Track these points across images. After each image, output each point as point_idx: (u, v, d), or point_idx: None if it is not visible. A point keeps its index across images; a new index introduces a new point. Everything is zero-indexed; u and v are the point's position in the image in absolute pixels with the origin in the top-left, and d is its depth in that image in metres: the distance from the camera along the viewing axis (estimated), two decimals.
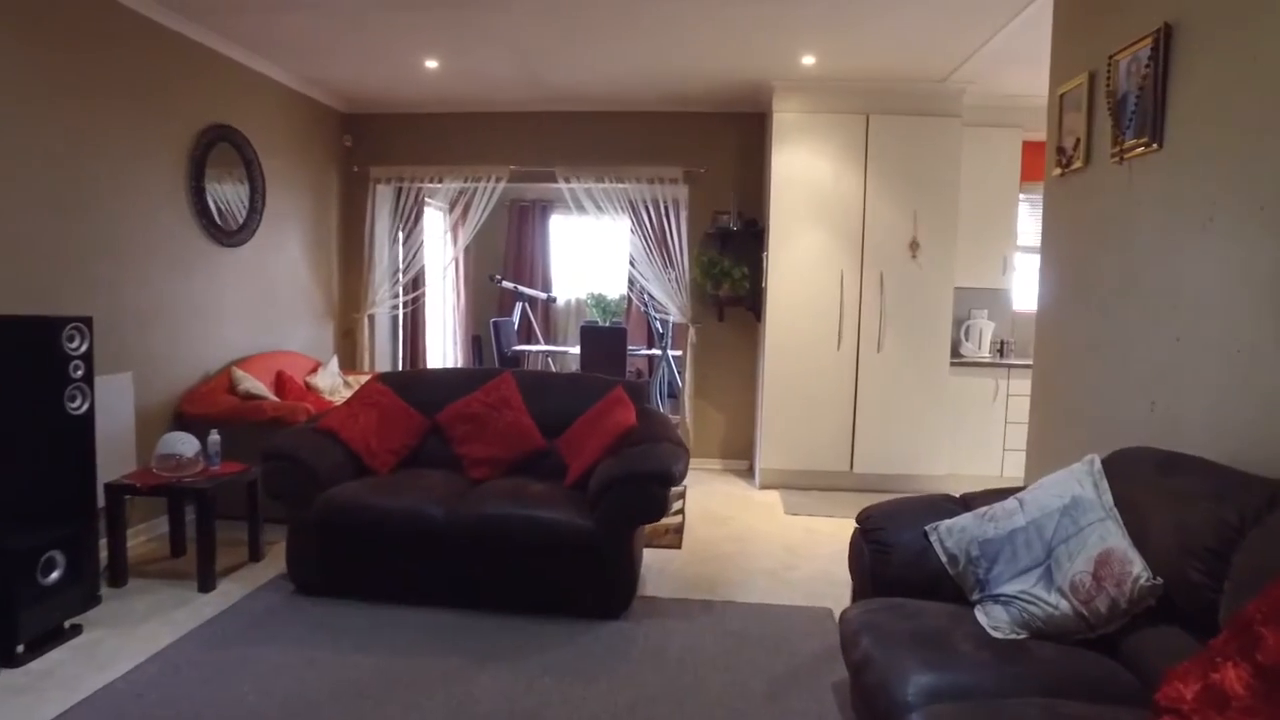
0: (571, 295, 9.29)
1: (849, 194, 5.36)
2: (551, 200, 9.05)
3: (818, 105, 5.33)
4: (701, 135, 6.02)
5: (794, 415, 5.48)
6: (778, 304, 5.44)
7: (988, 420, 5.51)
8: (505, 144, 6.15)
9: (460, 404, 3.80)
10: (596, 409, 3.66)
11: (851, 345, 5.44)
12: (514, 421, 3.71)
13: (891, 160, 5.32)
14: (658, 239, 6.05)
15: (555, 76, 5.38)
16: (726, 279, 5.85)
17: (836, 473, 5.52)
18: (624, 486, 3.13)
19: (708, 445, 6.21)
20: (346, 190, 6.27)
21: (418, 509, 3.21)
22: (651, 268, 6.07)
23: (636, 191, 6.03)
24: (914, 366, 5.43)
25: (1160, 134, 2.58)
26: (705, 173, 5.98)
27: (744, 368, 6.15)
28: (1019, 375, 5.47)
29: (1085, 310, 3.07)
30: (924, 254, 5.37)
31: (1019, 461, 5.53)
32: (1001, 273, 5.71)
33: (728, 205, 5.96)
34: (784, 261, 5.42)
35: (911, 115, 5.30)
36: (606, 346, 6.87)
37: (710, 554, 4.15)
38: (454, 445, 3.74)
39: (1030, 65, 4.89)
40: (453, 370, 4.29)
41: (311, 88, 5.63)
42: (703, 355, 6.13)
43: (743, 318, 6.07)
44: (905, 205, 5.34)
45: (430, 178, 6.21)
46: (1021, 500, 2.25)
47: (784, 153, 5.35)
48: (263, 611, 3.20)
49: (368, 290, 6.31)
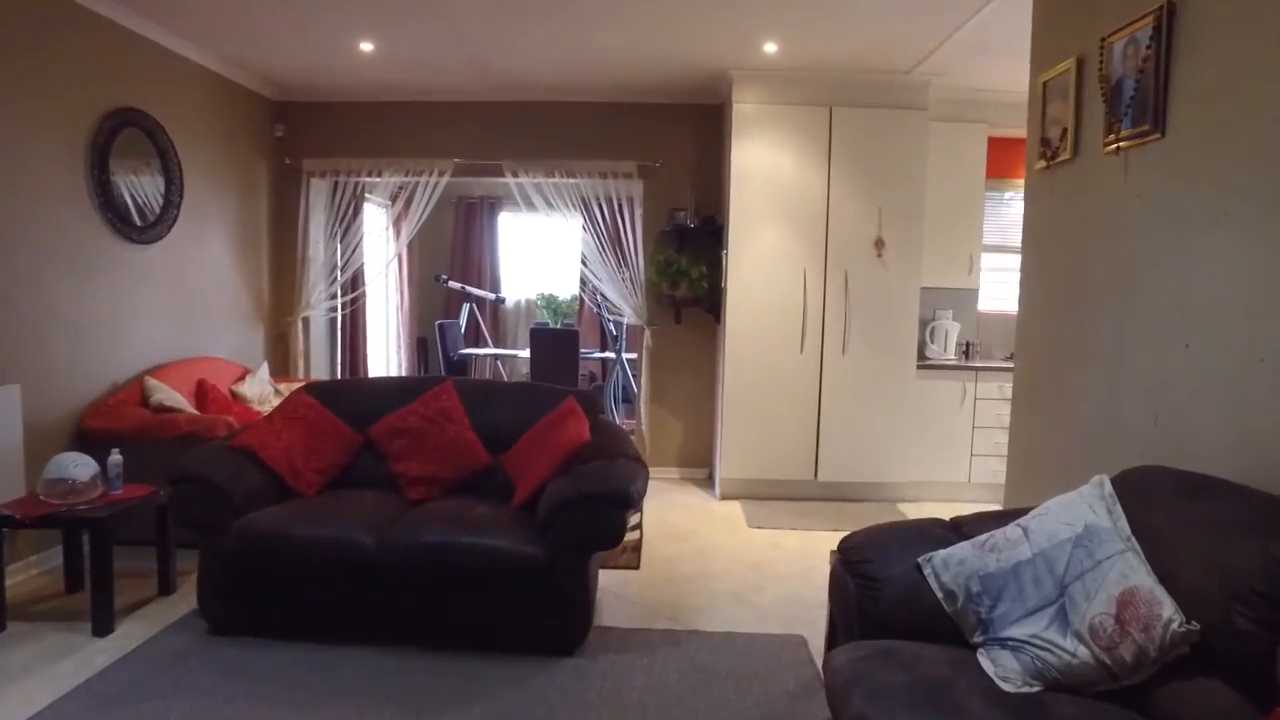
0: (521, 296, 8.93)
1: (812, 190, 5.13)
2: (500, 197, 8.68)
3: (778, 96, 5.08)
4: (657, 128, 5.73)
5: (755, 422, 5.23)
6: (738, 305, 5.19)
7: (955, 425, 5.33)
8: (449, 136, 5.78)
9: (396, 417, 3.45)
10: (546, 421, 3.34)
11: (815, 348, 5.21)
12: (455, 436, 3.38)
13: (856, 155, 5.11)
14: (611, 237, 5.75)
15: (502, 64, 5.04)
16: (684, 279, 5.58)
17: (800, 482, 5.29)
18: (577, 509, 2.82)
19: (665, 454, 5.93)
20: (278, 184, 5.83)
21: (346, 537, 2.86)
22: (605, 267, 5.77)
23: (588, 187, 5.72)
24: (880, 370, 5.22)
25: (1163, 121, 2.36)
26: (661, 167, 5.70)
27: (702, 372, 5.89)
28: (987, 378, 5.31)
29: (1075, 313, 2.85)
30: (889, 253, 5.17)
31: (987, 467, 5.40)
32: (968, 272, 5.54)
33: (684, 201, 5.69)
34: (744, 260, 5.16)
35: (876, 108, 5.09)
36: (558, 350, 6.55)
37: (671, 574, 3.87)
38: (389, 462, 3.39)
39: (999, 57, 4.73)
40: (388, 379, 3.94)
41: (237, 71, 5.19)
42: (659, 359, 5.85)
43: (701, 319, 5.81)
44: (870, 202, 5.13)
45: (369, 171, 5.81)
46: (1026, 528, 2.01)
47: (744, 146, 5.10)
48: (168, 657, 2.81)
49: (302, 291, 5.88)
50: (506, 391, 3.68)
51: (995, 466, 5.32)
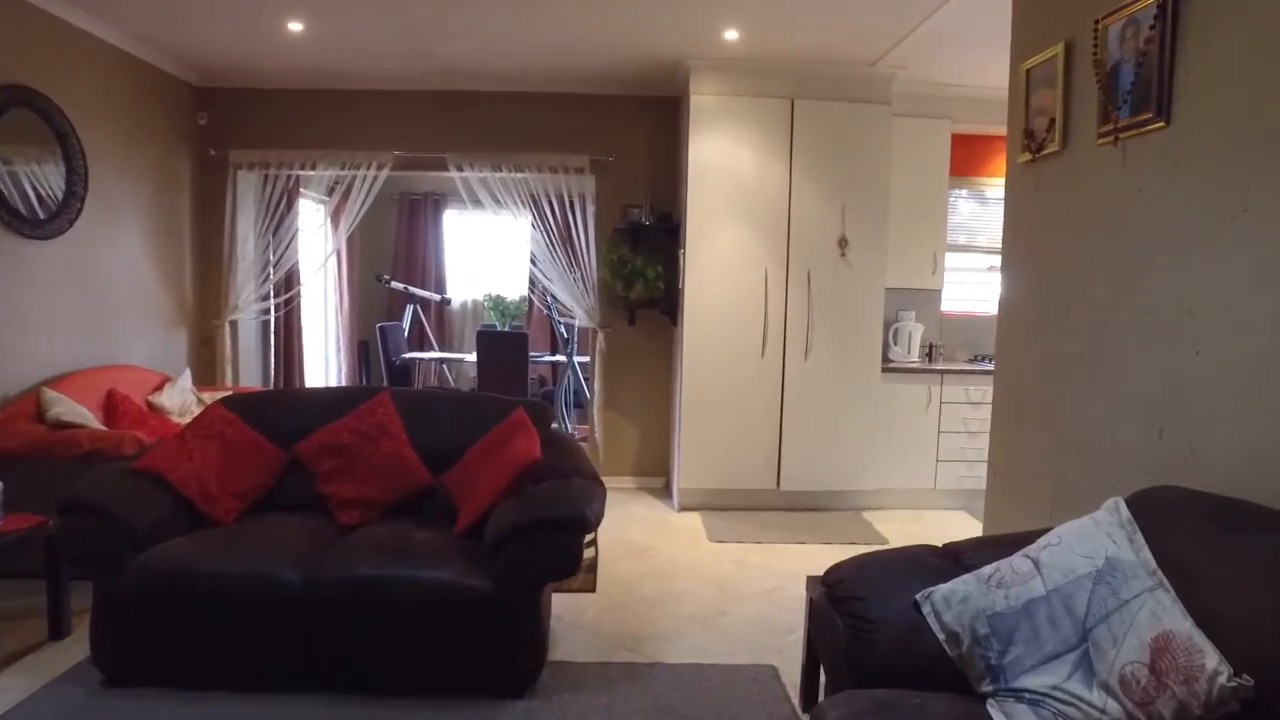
0: (468, 297, 8.57)
1: (773, 186, 4.90)
2: (445, 193, 8.30)
3: (738, 88, 4.85)
4: (610, 120, 5.46)
5: (715, 430, 4.99)
6: (696, 307, 4.94)
7: (920, 430, 5.17)
8: (389, 127, 5.42)
9: (326, 432, 3.11)
10: (493, 436, 3.04)
11: (777, 352, 4.99)
12: (393, 453, 3.05)
13: (818, 150, 4.90)
14: (562, 235, 5.46)
15: (445, 50, 4.71)
16: (639, 279, 5.31)
17: (762, 491, 5.06)
18: (528, 536, 2.53)
19: (620, 462, 5.66)
20: (202, 176, 5.40)
21: (267, 573, 2.52)
22: (555, 267, 5.47)
23: (538, 182, 5.42)
24: (844, 374, 5.03)
25: (1167, 108, 2.17)
26: (614, 161, 5.42)
27: (658, 377, 5.63)
28: (952, 381, 5.15)
29: (1065, 317, 2.66)
30: (853, 252, 4.97)
31: (953, 473, 5.25)
32: (931, 272, 5.38)
33: (639, 198, 5.43)
34: (702, 260, 4.92)
35: (839, 101, 4.89)
36: (506, 353, 6.23)
37: (630, 597, 3.59)
38: (318, 483, 3.04)
39: (965, 50, 4.56)
40: (317, 390, 3.61)
41: (151, 52, 4.76)
42: (612, 363, 5.57)
43: (657, 322, 5.55)
44: (833, 199, 4.93)
45: (302, 164, 5.41)
46: (1036, 560, 1.79)
47: (702, 140, 4.85)
48: (52, 717, 2.44)
49: (229, 292, 5.45)
50: (449, 403, 3.36)
51: (961, 472, 5.18)
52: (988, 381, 5.13)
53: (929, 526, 4.84)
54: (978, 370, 5.19)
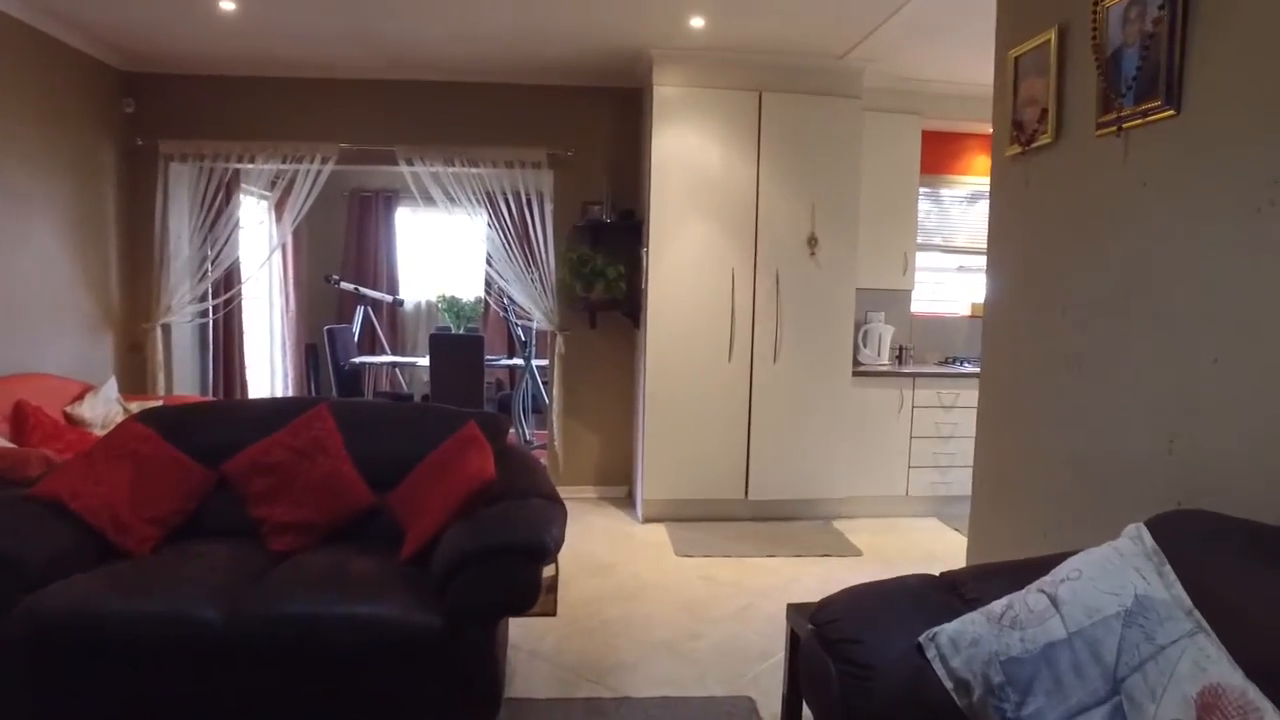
0: (421, 298, 8.24)
1: (740, 182, 4.70)
2: (397, 190, 7.96)
3: (704, 79, 4.63)
4: (569, 113, 5.20)
5: (680, 437, 4.77)
6: (660, 308, 4.71)
7: (891, 435, 5.01)
8: (334, 118, 5.10)
9: (257, 449, 2.81)
10: (442, 452, 2.77)
11: (745, 356, 4.79)
12: (331, 471, 2.76)
13: (787, 144, 4.71)
14: (519, 233, 5.19)
15: (392, 36, 4.41)
16: (599, 280, 5.07)
17: (729, 501, 4.86)
18: (481, 565, 2.27)
19: (581, 471, 5.41)
20: (129, 167, 5.02)
21: (183, 612, 2.22)
22: (511, 267, 5.21)
23: (493, 177, 5.15)
24: (814, 378, 4.84)
25: (1178, 95, 2.00)
26: (573, 156, 5.17)
27: (620, 382, 5.39)
28: (924, 385, 5.00)
29: (1060, 321, 2.49)
30: (823, 251, 4.79)
31: (925, 479, 5.09)
32: (902, 272, 5.22)
33: (600, 194, 5.18)
34: (667, 259, 4.69)
35: (808, 94, 4.70)
36: (460, 357, 5.94)
37: (593, 621, 3.35)
38: (249, 506, 2.74)
39: (936, 44, 4.41)
40: (247, 402, 3.31)
41: (67, 31, 4.38)
42: (572, 367, 5.32)
43: (618, 324, 5.31)
44: (802, 196, 4.74)
45: (240, 156, 5.05)
46: (1054, 597, 1.59)
47: (665, 133, 4.63)
48: None
49: (160, 293, 5.08)
50: (394, 415, 3.07)
51: (933, 478, 5.04)
52: (960, 385, 5.03)
53: (902, 536, 4.67)
54: (950, 373, 5.05)
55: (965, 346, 5.61)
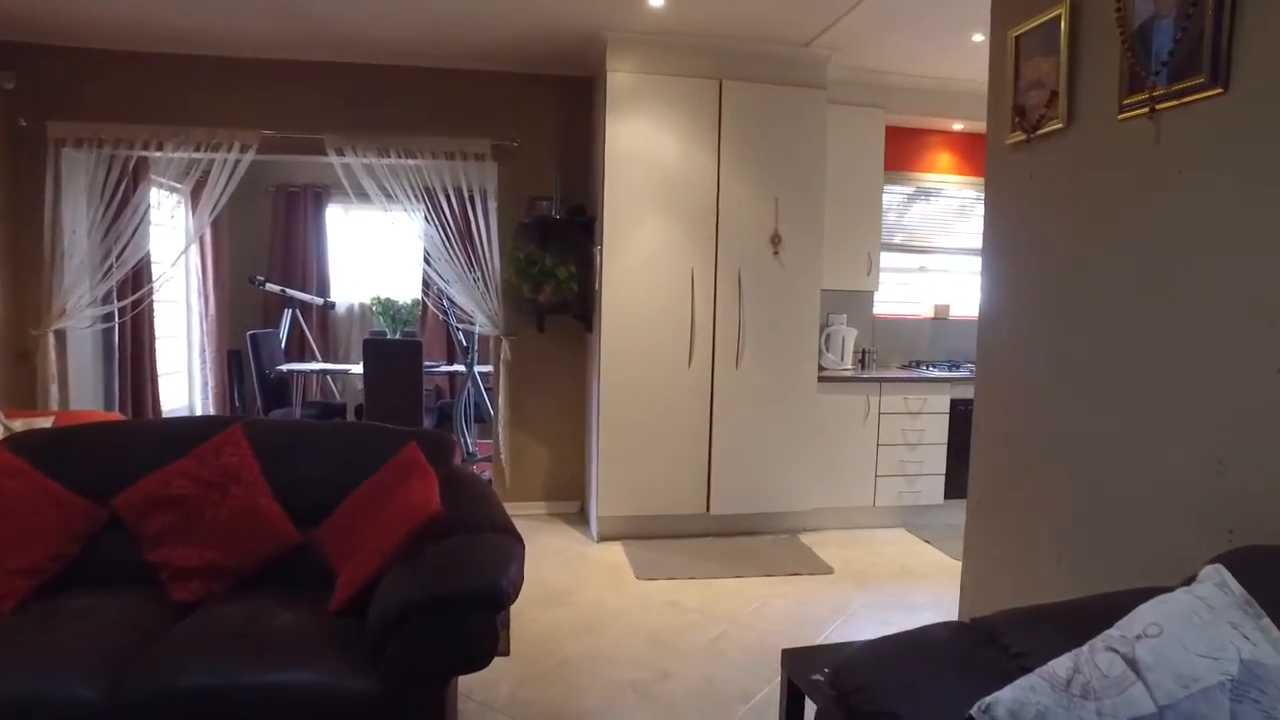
0: (354, 300, 7.74)
1: (700, 176, 4.40)
2: (327, 186, 7.45)
3: (661, 65, 4.32)
4: (515, 101, 4.84)
5: (637, 449, 4.45)
6: (615, 311, 4.39)
7: (857, 443, 4.78)
8: (255, 102, 4.63)
9: (156, 479, 2.39)
10: (379, 480, 2.39)
11: (705, 361, 4.50)
12: (246, 504, 2.36)
13: (749, 136, 4.43)
14: (460, 231, 4.81)
15: (322, 11, 3.98)
16: (549, 280, 4.72)
17: (690, 516, 4.56)
18: (428, 618, 1.91)
19: (529, 485, 5.05)
20: (10, 151, 4.44)
21: (49, 691, 1.80)
22: (452, 266, 4.82)
23: (432, 170, 4.75)
24: (778, 385, 4.58)
25: (1225, 72, 1.77)
26: (520, 148, 4.81)
27: (571, 390, 5.05)
28: (891, 390, 4.79)
29: (1074, 325, 2.25)
30: (787, 250, 4.53)
31: (892, 488, 4.86)
32: (866, 272, 5.01)
33: (548, 189, 4.83)
34: (621, 258, 4.37)
35: (771, 84, 4.44)
36: (396, 363, 5.51)
37: (552, 660, 3.01)
38: (144, 549, 2.32)
39: (903, 33, 4.20)
40: (146, 424, 2.88)
41: None
42: (519, 374, 4.95)
43: (569, 328, 4.97)
44: (765, 191, 4.48)
45: (146, 142, 4.54)
46: (1132, 659, 1.32)
47: (620, 123, 4.30)
48: None
49: (54, 294, 4.53)
50: (321, 437, 2.66)
51: (900, 488, 4.83)
52: (928, 390, 4.83)
53: (872, 550, 4.44)
54: (917, 378, 4.85)
55: (928, 350, 5.44)
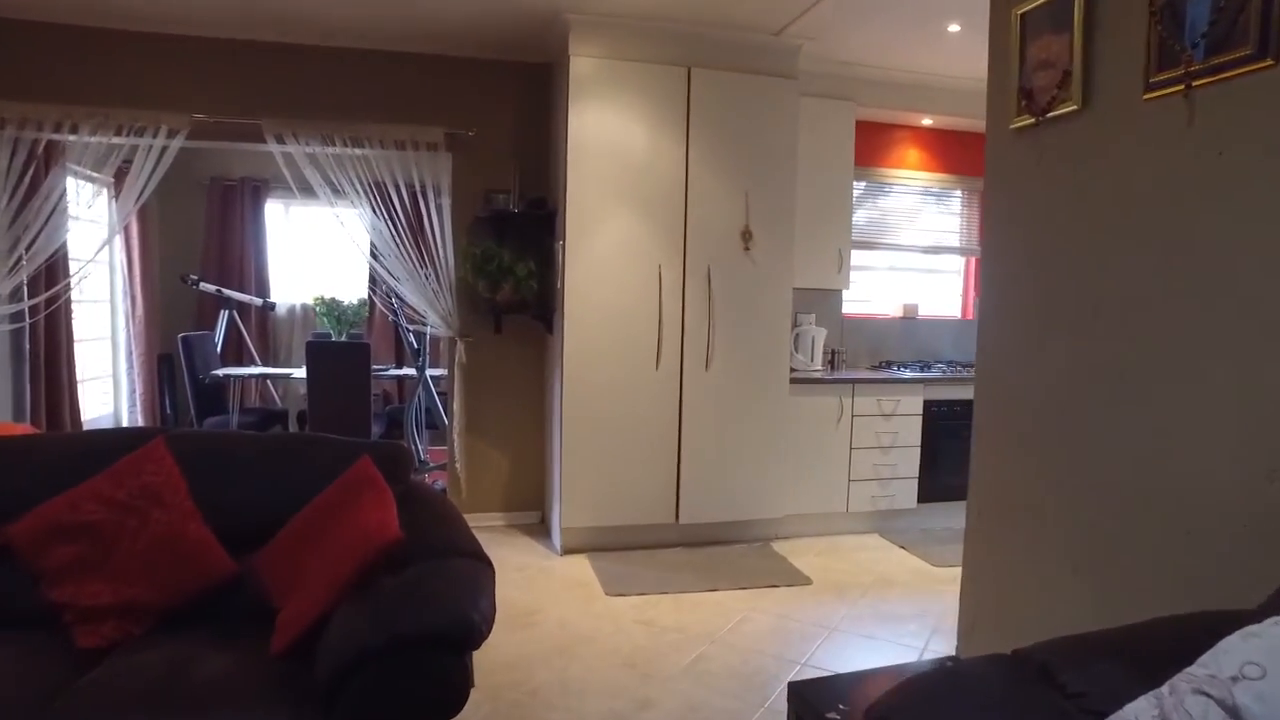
0: (296, 300, 7.33)
1: (667, 168, 4.19)
2: (266, 180, 7.03)
3: (626, 50, 4.09)
4: (471, 88, 4.56)
5: (602, 456, 4.21)
6: (578, 310, 4.14)
7: (830, 447, 4.61)
8: (184, 84, 4.26)
9: (59, 504, 2.06)
10: (327, 500, 2.11)
11: (674, 363, 4.28)
12: (171, 530, 2.05)
13: (718, 127, 4.23)
14: (411, 225, 4.51)
15: None
16: (507, 278, 4.45)
17: (658, 526, 4.33)
18: (388, 664, 1.64)
19: (486, 495, 4.77)
20: None
21: None
22: (402, 263, 4.51)
23: (381, 161, 4.43)
24: (749, 387, 4.38)
25: (1277, 42, 1.61)
26: (475, 137, 4.53)
27: (530, 394, 4.78)
28: (863, 392, 4.63)
29: (1093, 323, 2.09)
30: (758, 246, 4.34)
31: (865, 493, 4.67)
32: (836, 270, 4.85)
33: (506, 181, 4.56)
34: (585, 254, 4.12)
35: (741, 73, 4.24)
36: (342, 367, 5.18)
37: (519, 692, 2.74)
38: (44, 586, 2.00)
39: (873, 23, 4.07)
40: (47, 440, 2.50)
41: None
42: (475, 377, 4.67)
43: (528, 329, 4.71)
44: (735, 184, 4.28)
45: (57, 124, 4.12)
46: (1234, 708, 1.13)
47: (583, 112, 4.06)
48: None
49: None
50: (259, 451, 2.34)
51: (874, 492, 4.68)
52: (901, 391, 4.69)
53: (848, 557, 4.28)
54: (890, 379, 4.70)
55: (897, 350, 5.31)
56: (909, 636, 3.29)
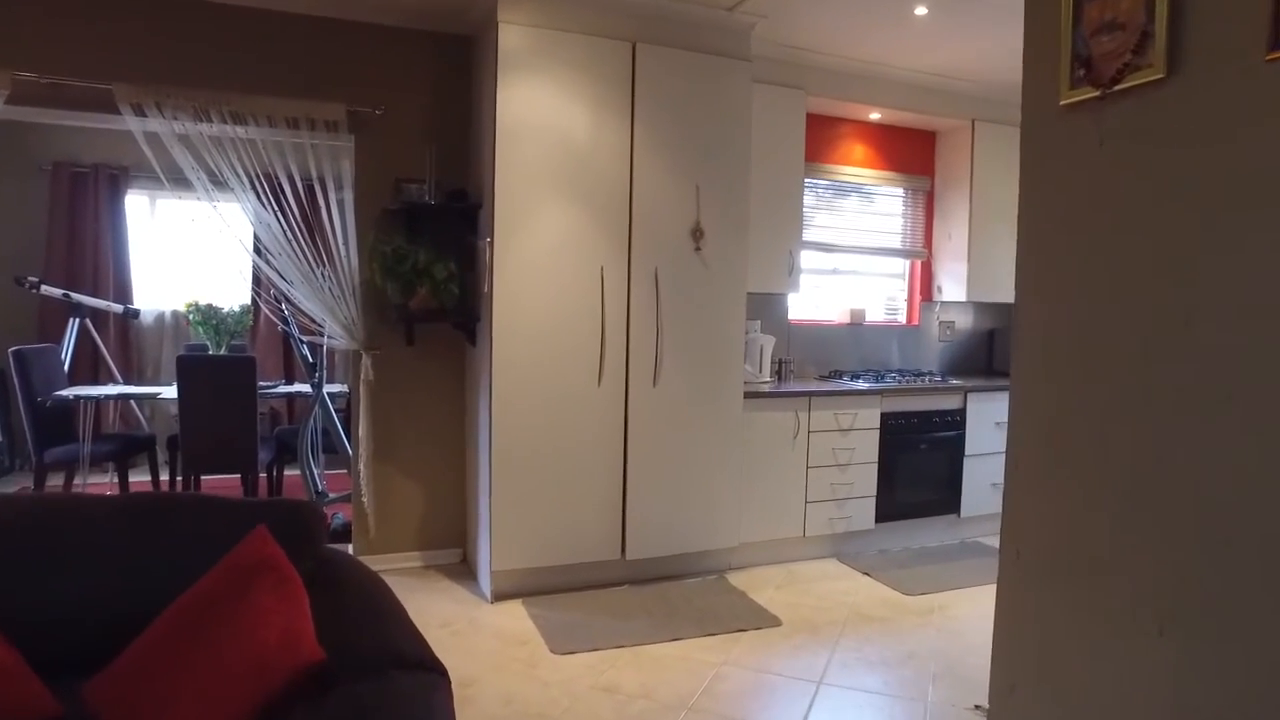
0: (165, 308, 6.41)
1: (611, 156, 3.68)
2: (126, 167, 6.11)
3: (563, 20, 3.56)
4: (379, 59, 3.92)
5: (538, 486, 3.66)
6: (509, 319, 3.57)
7: (787, 466, 4.20)
8: (5, 34, 3.43)
9: None
10: (202, 596, 1.49)
11: (618, 378, 3.77)
12: None
13: (667, 111, 3.76)
14: (307, 217, 3.83)
15: None
16: (423, 281, 3.83)
17: (603, 563, 3.82)
18: None
19: (399, 532, 4.12)
20: None
21: None
22: (296, 263, 3.83)
23: (271, 140, 3.73)
24: (701, 403, 3.92)
25: None
26: (384, 116, 3.89)
27: (450, 414, 4.16)
28: (820, 405, 4.25)
29: (1185, 337, 1.71)
30: (710, 246, 3.89)
31: (823, 515, 4.23)
32: (787, 273, 4.45)
33: (421, 168, 3.94)
34: (517, 254, 3.57)
35: (692, 51, 3.79)
36: (222, 385, 4.45)
37: None
38: None
39: (836, 1, 3.68)
40: None
41: None
42: (384, 396, 4.02)
43: (448, 340, 4.10)
44: (686, 176, 3.82)
45: None
46: None
47: (515, 89, 3.50)
48: None
49: None
50: (98, 521, 1.65)
51: (831, 513, 4.31)
52: (859, 404, 4.33)
53: (812, 589, 3.87)
54: (848, 390, 4.34)
55: (846, 359, 4.98)
56: (907, 685, 2.89)
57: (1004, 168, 5.01)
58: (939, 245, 5.20)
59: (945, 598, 3.78)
